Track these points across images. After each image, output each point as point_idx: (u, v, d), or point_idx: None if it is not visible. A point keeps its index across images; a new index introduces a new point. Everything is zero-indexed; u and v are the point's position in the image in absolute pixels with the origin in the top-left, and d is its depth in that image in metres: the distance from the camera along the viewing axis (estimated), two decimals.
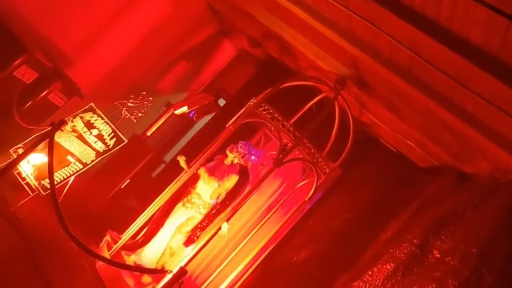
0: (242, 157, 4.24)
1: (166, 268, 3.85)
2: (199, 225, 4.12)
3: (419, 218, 3.50)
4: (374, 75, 3.33)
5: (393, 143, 4.74)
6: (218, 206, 4.14)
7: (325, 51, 3.73)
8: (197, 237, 4.09)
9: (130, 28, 4.78)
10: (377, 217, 4.27)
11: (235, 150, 4.23)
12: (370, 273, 3.40)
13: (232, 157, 4.23)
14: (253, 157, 4.28)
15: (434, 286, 2.80)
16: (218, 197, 4.13)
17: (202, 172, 4.19)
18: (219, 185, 4.11)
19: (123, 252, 3.97)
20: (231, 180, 4.17)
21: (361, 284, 3.41)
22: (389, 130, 4.36)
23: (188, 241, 4.10)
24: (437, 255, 3.01)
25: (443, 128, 3.21)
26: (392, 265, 3.26)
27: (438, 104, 2.75)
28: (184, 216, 4.07)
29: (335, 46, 3.25)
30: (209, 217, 4.14)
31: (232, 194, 4.20)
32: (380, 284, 3.26)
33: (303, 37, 3.82)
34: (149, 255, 4.01)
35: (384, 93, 3.58)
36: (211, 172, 4.17)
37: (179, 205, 4.13)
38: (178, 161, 4.08)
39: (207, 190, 4.11)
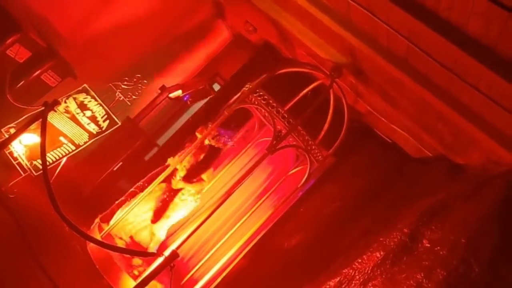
0: (212, 138, 4.17)
1: (157, 250, 3.87)
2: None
3: (410, 208, 3.52)
4: (371, 64, 3.32)
5: (387, 133, 4.75)
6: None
7: (322, 38, 3.71)
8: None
9: (126, 10, 4.72)
10: (368, 206, 4.30)
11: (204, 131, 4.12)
12: (359, 260, 3.43)
13: None
14: (224, 139, 4.22)
15: (422, 275, 2.84)
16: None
17: (177, 164, 4.17)
18: (184, 164, 4.10)
19: (112, 232, 3.99)
20: (195, 157, 4.14)
21: (350, 271, 3.44)
22: (384, 120, 4.37)
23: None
24: (427, 245, 3.04)
25: (438, 119, 3.22)
26: (381, 253, 3.29)
27: (433, 95, 2.76)
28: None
29: (332, 33, 3.23)
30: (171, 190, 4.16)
31: (198, 170, 4.17)
32: (369, 271, 3.29)
33: (300, 24, 3.79)
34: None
35: (380, 83, 3.57)
36: (182, 158, 4.14)
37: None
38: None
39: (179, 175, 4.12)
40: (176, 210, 4.07)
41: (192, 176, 4.10)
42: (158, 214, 4.07)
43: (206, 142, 4.17)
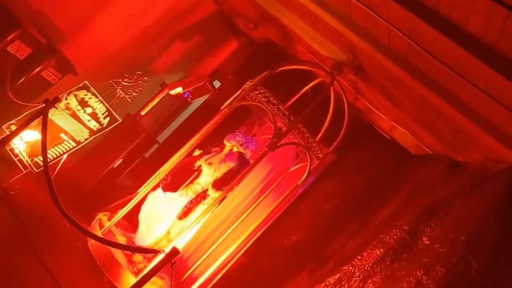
0: (241, 145, 4.25)
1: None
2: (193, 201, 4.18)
3: (410, 205, 3.54)
4: (371, 61, 3.32)
5: (387, 130, 4.76)
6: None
7: (323, 35, 3.71)
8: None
9: (126, 7, 4.72)
10: (368, 203, 4.31)
11: (233, 139, 4.25)
12: (359, 257, 3.44)
13: (230, 146, 4.25)
14: (251, 145, 4.30)
15: (422, 272, 2.85)
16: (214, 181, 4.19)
17: (202, 163, 4.22)
18: (214, 170, 4.15)
19: (113, 229, 4.00)
20: (227, 165, 4.20)
21: (350, 268, 3.45)
22: (384, 117, 4.38)
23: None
24: (426, 242, 3.05)
25: (438, 117, 3.23)
26: (381, 250, 3.31)
27: (433, 92, 2.76)
28: (182, 204, 4.13)
29: (333, 31, 3.23)
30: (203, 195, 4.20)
31: (230, 179, 4.21)
32: (369, 268, 3.30)
33: (301, 21, 3.80)
34: (147, 241, 4.04)
35: (380, 80, 3.58)
36: (211, 162, 4.21)
37: (177, 194, 4.17)
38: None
39: (208, 180, 4.17)
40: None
41: (221, 184, 4.18)
42: (186, 214, 4.13)
43: (235, 149, 4.25)
